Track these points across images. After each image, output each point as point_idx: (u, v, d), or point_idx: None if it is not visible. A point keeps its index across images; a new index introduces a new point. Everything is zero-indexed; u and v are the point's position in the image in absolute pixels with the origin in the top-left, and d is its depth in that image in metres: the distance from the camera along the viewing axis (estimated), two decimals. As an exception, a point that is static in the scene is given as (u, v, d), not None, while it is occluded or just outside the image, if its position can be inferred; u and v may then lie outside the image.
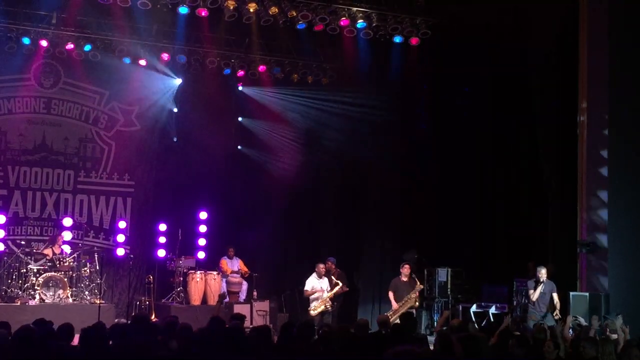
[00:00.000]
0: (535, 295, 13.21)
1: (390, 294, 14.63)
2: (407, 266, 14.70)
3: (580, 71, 14.50)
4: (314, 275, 14.63)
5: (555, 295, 13.23)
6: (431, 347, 8.64)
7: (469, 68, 16.04)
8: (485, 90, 16.37)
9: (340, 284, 14.74)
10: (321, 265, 14.71)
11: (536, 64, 15.62)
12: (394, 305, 14.41)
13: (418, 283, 14.73)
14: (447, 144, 17.34)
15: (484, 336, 8.22)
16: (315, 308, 14.37)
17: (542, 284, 13.18)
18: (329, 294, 14.42)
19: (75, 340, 7.52)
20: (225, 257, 17.13)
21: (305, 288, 14.61)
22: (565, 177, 15.02)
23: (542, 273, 13.24)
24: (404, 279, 14.61)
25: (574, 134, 14.61)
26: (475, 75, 16.22)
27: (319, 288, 14.48)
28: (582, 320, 11.80)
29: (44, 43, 16.00)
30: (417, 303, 14.63)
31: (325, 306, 14.35)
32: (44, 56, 16.72)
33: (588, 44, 14.32)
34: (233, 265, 17.11)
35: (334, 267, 15.39)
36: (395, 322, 12.61)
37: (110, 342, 7.22)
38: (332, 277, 14.93)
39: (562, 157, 15.28)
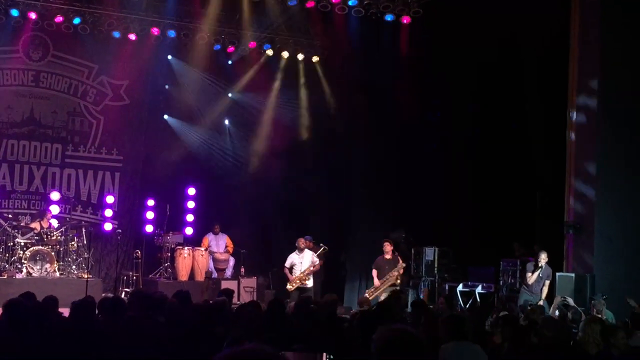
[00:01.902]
0: (532, 278, 13.24)
1: (374, 272, 14.86)
2: (387, 243, 14.87)
3: (571, 58, 14.51)
4: (295, 251, 14.91)
5: (547, 283, 13.31)
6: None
7: (460, 49, 15.97)
8: (475, 71, 16.31)
9: (318, 260, 14.98)
10: (301, 240, 14.98)
11: (528, 47, 15.59)
12: (376, 282, 14.62)
13: (401, 261, 14.88)
14: (437, 124, 17.33)
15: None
16: (293, 285, 14.64)
17: (540, 269, 13.24)
18: (301, 273, 14.62)
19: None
20: (210, 233, 17.15)
21: (285, 264, 14.90)
22: (553, 157, 15.05)
23: (543, 258, 13.28)
24: (387, 256, 14.80)
25: (563, 116, 14.64)
26: (465, 56, 16.14)
27: (297, 263, 14.75)
28: (571, 301, 11.86)
29: (32, 15, 15.89)
30: (398, 280, 14.75)
31: (301, 281, 14.59)
32: (33, 29, 16.60)
33: (580, 31, 14.33)
34: (219, 241, 17.13)
35: (311, 244, 15.61)
36: (380, 299, 12.89)
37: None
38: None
39: (550, 138, 15.31)
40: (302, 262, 14.71)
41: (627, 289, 12.43)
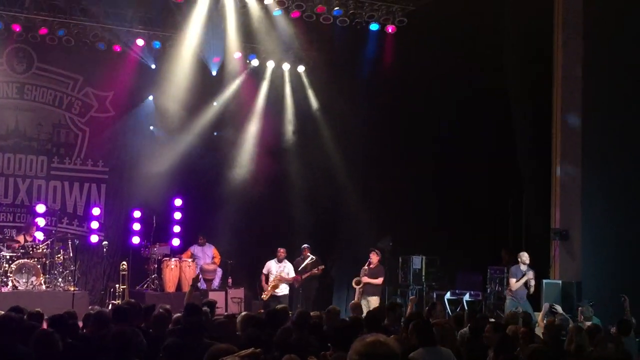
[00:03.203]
0: (516, 285, 13.25)
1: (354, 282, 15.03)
2: (373, 253, 15.12)
3: (555, 57, 14.58)
4: (274, 260, 15.47)
5: (533, 284, 13.32)
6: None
7: (444, 57, 16.00)
8: (461, 78, 16.35)
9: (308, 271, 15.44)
10: (281, 250, 15.52)
11: (512, 53, 15.65)
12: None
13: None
14: (422, 131, 17.34)
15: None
16: (267, 294, 15.16)
17: (524, 271, 13.26)
18: (273, 280, 15.15)
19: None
20: (195, 245, 17.09)
21: (263, 270, 15.51)
22: (540, 164, 15.09)
23: (525, 258, 13.35)
24: (371, 266, 14.90)
25: (548, 120, 14.69)
26: (450, 64, 16.18)
27: (274, 272, 15.30)
28: (559, 308, 11.87)
29: (16, 27, 15.82)
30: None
31: (275, 292, 15.08)
32: (17, 40, 16.53)
33: (563, 31, 14.40)
34: (205, 252, 17.07)
35: (309, 253, 15.68)
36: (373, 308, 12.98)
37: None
38: (301, 261, 15.58)
39: (536, 144, 15.35)
40: (281, 271, 15.02)
41: (613, 295, 12.45)
